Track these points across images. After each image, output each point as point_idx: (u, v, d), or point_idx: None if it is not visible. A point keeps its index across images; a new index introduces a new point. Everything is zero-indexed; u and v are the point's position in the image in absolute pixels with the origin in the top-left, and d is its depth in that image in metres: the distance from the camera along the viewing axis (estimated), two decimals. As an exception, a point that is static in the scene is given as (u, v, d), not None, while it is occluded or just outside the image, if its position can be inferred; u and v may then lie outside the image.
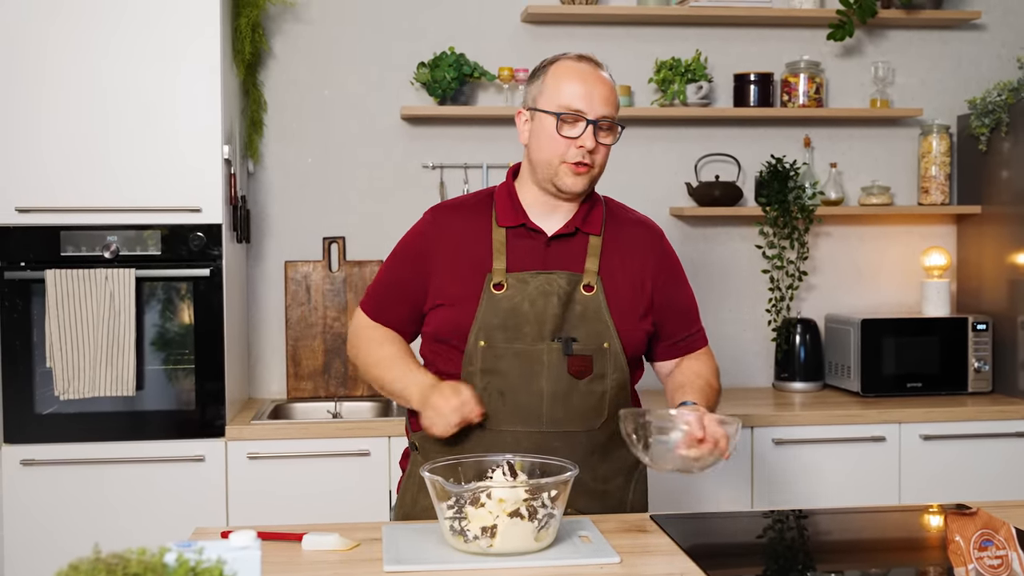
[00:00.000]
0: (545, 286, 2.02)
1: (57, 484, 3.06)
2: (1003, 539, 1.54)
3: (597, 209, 2.12)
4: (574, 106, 2.00)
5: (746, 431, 3.26)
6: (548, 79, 2.05)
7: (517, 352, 2.01)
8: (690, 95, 3.70)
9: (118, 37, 3.08)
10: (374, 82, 3.70)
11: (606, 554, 1.72)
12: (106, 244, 3.09)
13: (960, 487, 3.33)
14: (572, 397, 2.02)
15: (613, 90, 2.05)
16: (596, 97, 2.01)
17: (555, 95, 2.02)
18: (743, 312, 3.87)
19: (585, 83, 2.01)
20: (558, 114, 2.00)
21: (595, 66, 2.05)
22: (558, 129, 2.00)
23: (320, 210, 3.68)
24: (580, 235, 2.08)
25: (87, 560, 1.05)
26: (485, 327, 2.01)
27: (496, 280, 2.02)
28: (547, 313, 2.01)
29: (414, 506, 2.10)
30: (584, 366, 2.01)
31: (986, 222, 3.77)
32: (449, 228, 2.11)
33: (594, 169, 2.04)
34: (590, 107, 2.00)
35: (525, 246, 2.06)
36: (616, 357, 2.04)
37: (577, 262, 2.06)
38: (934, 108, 3.93)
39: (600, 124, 2.01)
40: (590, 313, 2.03)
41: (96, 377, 3.02)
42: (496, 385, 2.01)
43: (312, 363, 3.61)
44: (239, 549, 1.18)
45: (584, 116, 2.00)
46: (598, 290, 2.04)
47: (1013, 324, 3.60)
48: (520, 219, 2.07)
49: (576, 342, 2.01)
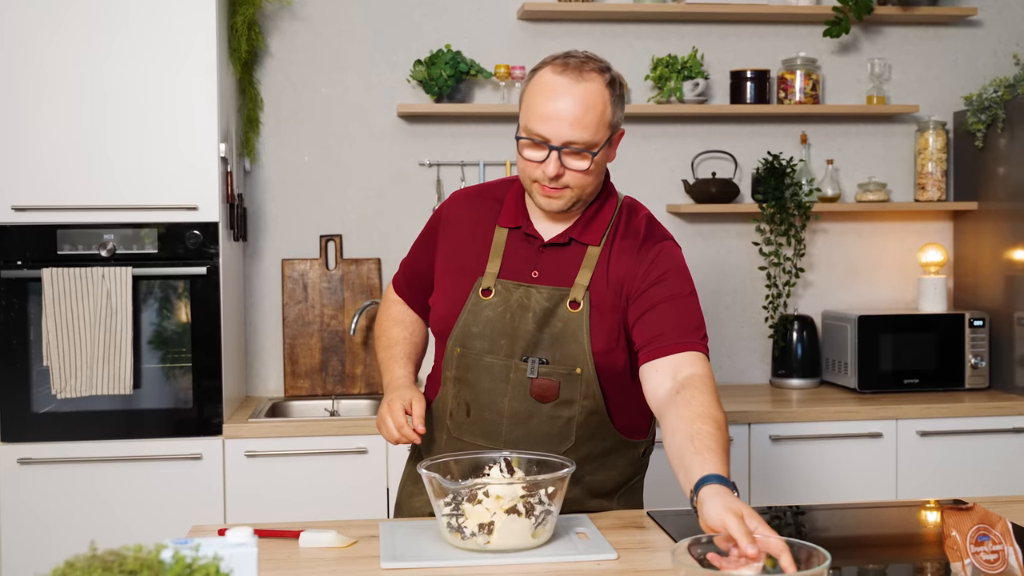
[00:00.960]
0: (524, 300, 1.92)
1: (54, 483, 3.06)
2: (999, 534, 1.54)
3: (603, 216, 1.96)
4: (536, 130, 1.82)
5: (743, 427, 3.26)
6: (527, 91, 1.88)
7: (487, 366, 1.94)
8: (687, 92, 3.70)
9: (115, 36, 3.07)
10: (371, 80, 3.70)
11: (603, 550, 1.72)
12: (103, 242, 3.08)
13: (957, 483, 3.34)
14: (533, 420, 1.93)
15: (590, 110, 1.82)
16: (565, 121, 1.80)
17: (526, 111, 1.86)
18: (740, 309, 3.87)
19: (555, 103, 1.81)
20: (521, 136, 1.86)
21: (576, 78, 1.82)
22: (521, 151, 1.87)
23: (317, 208, 3.68)
24: (575, 245, 1.94)
25: (83, 557, 1.05)
26: (464, 333, 1.95)
27: (485, 285, 1.95)
28: (521, 329, 1.92)
29: (400, 492, 2.17)
30: (547, 391, 1.91)
31: (983, 218, 3.77)
32: (460, 217, 2.04)
33: (570, 191, 1.87)
34: (554, 132, 1.81)
35: (521, 251, 1.96)
36: (588, 384, 1.91)
37: (568, 273, 1.93)
38: (930, 105, 3.94)
39: (566, 151, 1.83)
40: (568, 334, 1.90)
41: (93, 375, 3.02)
42: (464, 395, 1.98)
43: (309, 361, 3.61)
44: (235, 546, 1.18)
45: (547, 143, 1.82)
46: (583, 308, 1.90)
47: (1010, 320, 3.60)
48: (519, 222, 1.97)
49: (545, 364, 1.91)
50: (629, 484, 2.09)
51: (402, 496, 2.17)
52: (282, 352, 3.63)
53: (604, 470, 2.02)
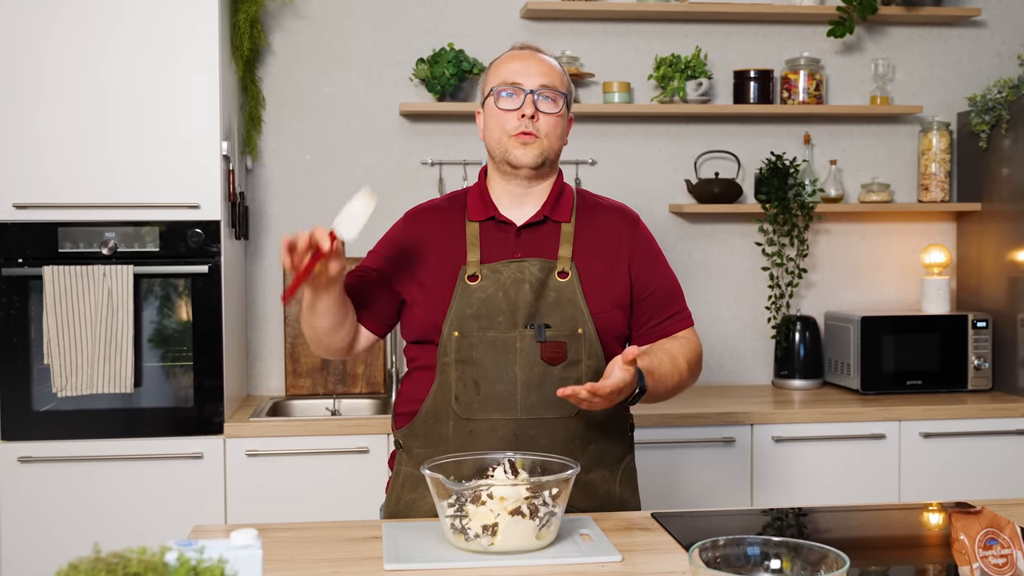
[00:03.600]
0: (517, 274, 2.03)
1: (55, 481, 3.05)
2: (1008, 538, 1.53)
3: (566, 197, 2.13)
4: (510, 79, 2.06)
5: (746, 428, 3.25)
6: (491, 68, 2.13)
7: (490, 340, 2.01)
8: (690, 92, 3.69)
9: (116, 33, 3.07)
10: (373, 78, 3.69)
11: (607, 552, 1.71)
12: (104, 241, 3.07)
13: (960, 485, 3.33)
14: (546, 384, 2.00)
15: (554, 68, 2.09)
16: (534, 70, 2.06)
17: (495, 77, 2.09)
18: (743, 309, 3.86)
19: (523, 60, 2.08)
20: (495, 89, 2.06)
21: (536, 50, 2.11)
22: (496, 102, 2.06)
23: (319, 206, 3.67)
24: (550, 223, 2.09)
25: (87, 559, 1.04)
26: (459, 317, 2.02)
27: (470, 272, 2.04)
28: (520, 301, 2.01)
29: (398, 503, 2.11)
30: (557, 352, 2.01)
31: (986, 219, 3.76)
32: (424, 228, 2.13)
33: (543, 140, 2.05)
34: (527, 79, 2.05)
35: (498, 238, 2.08)
36: (591, 343, 2.03)
37: (550, 250, 2.07)
38: (934, 105, 3.93)
39: (540, 94, 2.04)
40: (564, 299, 2.03)
41: (94, 374, 3.01)
42: (471, 374, 2.02)
43: (311, 360, 3.60)
44: (240, 548, 1.17)
45: (521, 87, 2.05)
46: (572, 276, 2.04)
47: (1013, 321, 3.59)
48: (490, 212, 2.09)
49: (549, 328, 2.01)
50: (625, 461, 2.16)
51: (391, 497, 2.14)
52: (283, 351, 3.63)
53: (606, 438, 2.10)
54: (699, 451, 3.23)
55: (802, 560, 1.43)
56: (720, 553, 1.45)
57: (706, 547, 1.44)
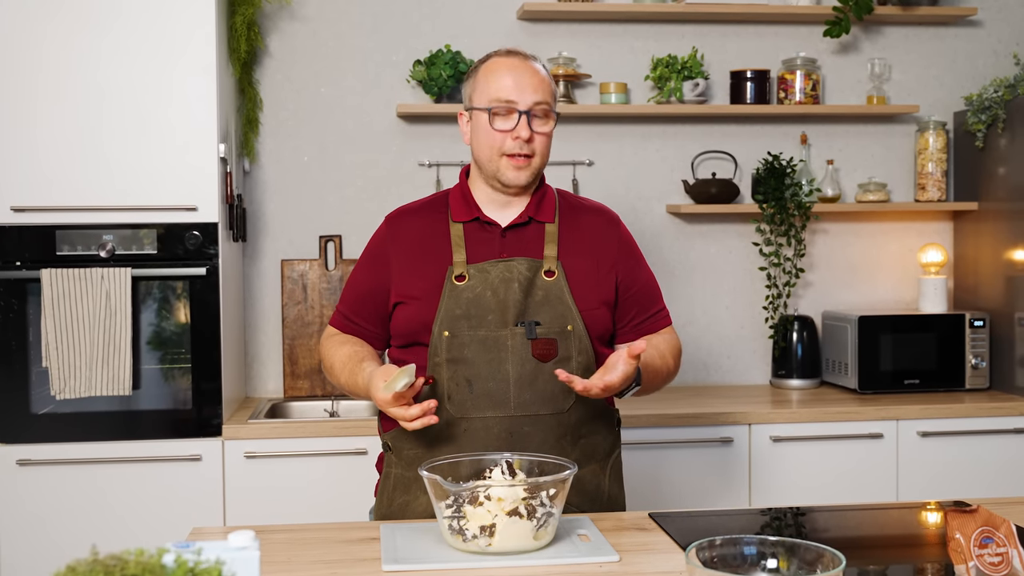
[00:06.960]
0: (505, 273, 2.04)
1: (53, 484, 3.05)
2: (1003, 536, 1.54)
3: (548, 199, 2.15)
4: (504, 97, 2.04)
5: (743, 428, 3.26)
6: (479, 76, 2.09)
7: (481, 339, 2.02)
8: (686, 92, 3.70)
9: (113, 35, 3.07)
10: (370, 80, 3.70)
11: (605, 552, 1.71)
12: (102, 243, 3.08)
13: (957, 484, 3.33)
14: (538, 380, 2.02)
15: (545, 79, 2.07)
16: (526, 86, 2.04)
17: (486, 90, 2.06)
18: (740, 309, 3.86)
19: (514, 74, 2.05)
20: (490, 108, 2.04)
21: (525, 58, 2.09)
22: (491, 123, 2.04)
23: (316, 208, 3.67)
24: (535, 224, 2.11)
25: (85, 562, 1.05)
26: (448, 317, 2.03)
27: (457, 272, 2.05)
28: (509, 299, 2.02)
29: (390, 505, 2.11)
30: (548, 349, 2.02)
31: (983, 219, 3.77)
32: (407, 230, 2.14)
33: (535, 159, 2.07)
34: (520, 97, 2.03)
35: (483, 238, 2.09)
36: (580, 339, 2.05)
37: (536, 249, 2.08)
38: (931, 105, 3.93)
39: (533, 112, 2.04)
40: (552, 297, 2.04)
41: (92, 377, 3.01)
42: (463, 373, 2.02)
43: (309, 362, 3.61)
44: (238, 550, 1.17)
45: (515, 107, 2.03)
46: (559, 275, 2.06)
47: (1010, 320, 3.60)
48: (474, 213, 2.10)
49: (539, 325, 2.03)
50: (613, 456, 2.17)
51: (382, 499, 2.14)
52: (282, 353, 3.63)
53: (596, 433, 2.11)
54: (697, 451, 3.24)
55: (799, 559, 1.44)
56: (717, 553, 1.46)
57: (703, 547, 1.44)
